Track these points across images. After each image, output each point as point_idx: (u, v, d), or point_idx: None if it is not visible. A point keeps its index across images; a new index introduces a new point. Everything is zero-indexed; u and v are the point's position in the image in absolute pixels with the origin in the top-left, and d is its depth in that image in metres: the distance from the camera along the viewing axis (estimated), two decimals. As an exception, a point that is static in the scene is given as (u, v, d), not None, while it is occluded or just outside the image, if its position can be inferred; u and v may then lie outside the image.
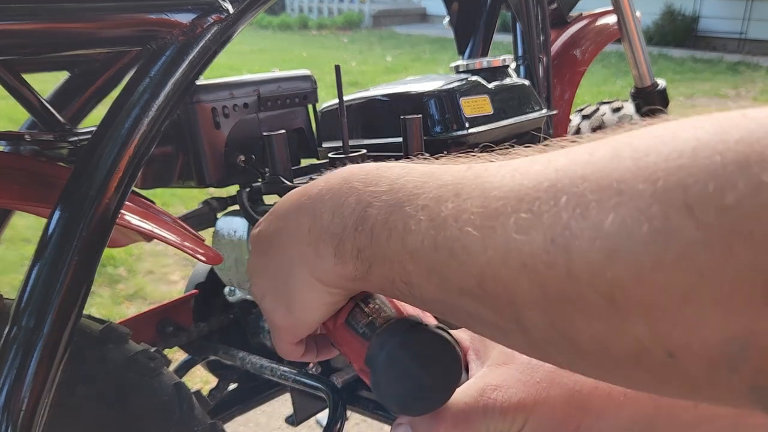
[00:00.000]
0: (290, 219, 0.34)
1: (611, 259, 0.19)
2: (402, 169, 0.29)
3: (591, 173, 0.21)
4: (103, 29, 0.44)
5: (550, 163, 0.23)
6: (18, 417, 0.41)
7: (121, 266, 1.99)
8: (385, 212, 0.28)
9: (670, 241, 0.18)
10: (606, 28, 1.15)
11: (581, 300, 0.20)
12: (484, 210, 0.23)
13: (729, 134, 0.18)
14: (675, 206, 0.18)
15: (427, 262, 0.26)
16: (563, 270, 0.20)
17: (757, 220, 0.17)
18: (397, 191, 0.28)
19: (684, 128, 0.20)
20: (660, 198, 0.18)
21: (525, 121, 0.79)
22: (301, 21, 9.00)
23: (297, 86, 0.73)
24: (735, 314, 0.17)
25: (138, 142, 0.45)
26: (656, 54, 5.99)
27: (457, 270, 0.24)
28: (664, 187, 0.18)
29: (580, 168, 0.21)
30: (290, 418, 0.81)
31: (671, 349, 0.19)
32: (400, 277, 0.27)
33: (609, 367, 0.22)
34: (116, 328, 0.57)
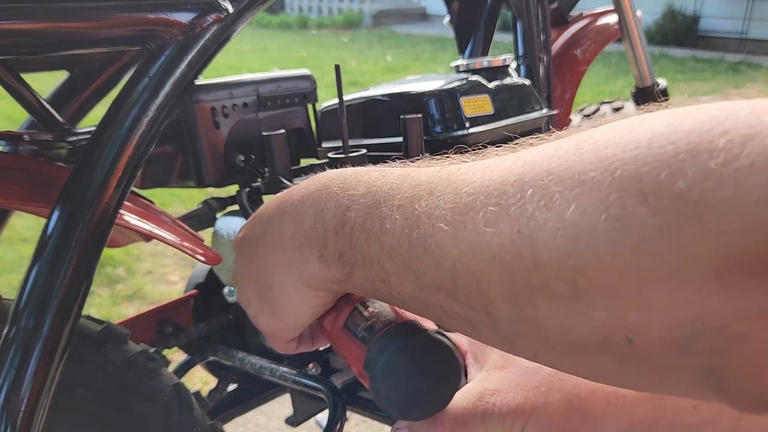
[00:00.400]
0: (273, 225, 0.34)
1: (573, 247, 0.20)
2: (379, 172, 0.30)
3: (555, 167, 0.21)
4: (102, 29, 0.44)
5: (518, 160, 0.23)
6: (17, 417, 0.41)
7: (120, 266, 1.99)
8: (363, 214, 0.28)
9: (627, 228, 0.19)
10: (607, 27, 1.15)
11: (547, 288, 0.21)
12: (455, 206, 0.24)
13: (682, 125, 0.19)
14: (631, 194, 0.19)
15: (403, 260, 0.26)
16: (529, 259, 0.21)
17: (705, 205, 0.17)
18: (374, 194, 0.29)
19: (642, 121, 0.21)
20: (617, 187, 0.19)
21: (526, 121, 0.79)
22: (301, 20, 9.00)
23: (297, 86, 0.73)
24: (687, 296, 0.18)
25: (137, 141, 0.45)
26: (657, 53, 5.99)
27: (431, 266, 0.25)
28: (621, 176, 0.19)
29: (546, 162, 0.22)
30: (290, 418, 0.81)
31: (630, 335, 0.20)
32: (379, 277, 0.28)
33: (574, 356, 0.22)
34: (115, 328, 0.57)
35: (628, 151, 0.19)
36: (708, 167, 0.17)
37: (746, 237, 0.17)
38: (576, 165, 0.21)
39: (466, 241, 0.23)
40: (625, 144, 0.20)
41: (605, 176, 0.20)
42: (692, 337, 0.18)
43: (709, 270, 0.18)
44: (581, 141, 0.22)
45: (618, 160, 0.20)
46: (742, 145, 0.17)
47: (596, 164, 0.20)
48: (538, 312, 0.22)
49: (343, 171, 0.32)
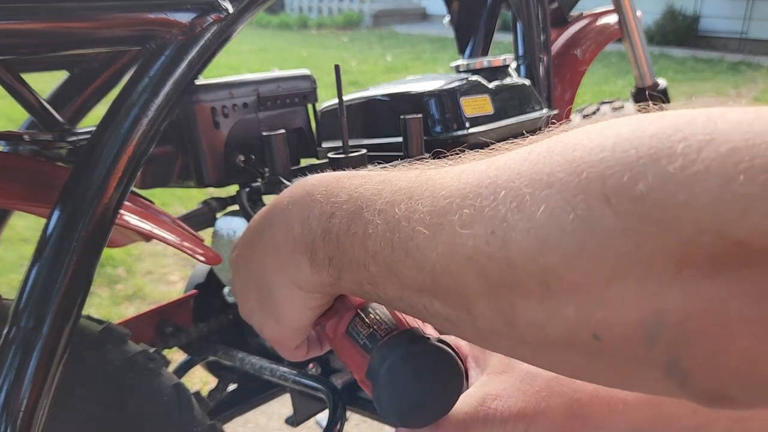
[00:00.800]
0: (264, 234, 0.35)
1: (543, 247, 0.21)
2: (360, 178, 0.31)
3: (527, 169, 0.22)
4: (102, 29, 0.44)
5: (493, 163, 0.24)
6: (17, 417, 0.41)
7: (120, 266, 1.99)
8: (347, 220, 0.29)
9: (592, 229, 0.20)
10: (607, 27, 1.15)
11: (520, 286, 0.22)
12: (433, 209, 0.25)
13: (646, 130, 0.20)
14: (596, 196, 0.20)
15: (386, 262, 0.27)
16: (503, 259, 0.22)
17: (664, 207, 0.18)
18: (356, 199, 0.30)
19: (611, 125, 0.22)
20: (583, 189, 0.20)
21: (526, 121, 0.79)
22: (301, 20, 9.00)
23: (296, 86, 0.73)
24: (648, 293, 0.19)
25: (137, 141, 0.45)
26: (657, 53, 5.98)
27: (412, 268, 0.26)
28: (587, 178, 0.20)
29: (518, 165, 0.23)
30: (290, 418, 0.81)
31: (596, 331, 0.21)
32: (366, 280, 0.29)
33: (547, 353, 0.23)
34: (115, 328, 0.57)
35: (594, 154, 0.20)
36: (666, 171, 0.18)
37: (701, 237, 0.18)
38: (546, 167, 0.22)
39: (444, 243, 0.24)
40: (591, 147, 0.21)
41: (572, 178, 0.21)
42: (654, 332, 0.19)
43: (668, 268, 0.18)
44: (552, 145, 0.23)
45: (584, 163, 0.21)
46: (698, 150, 0.18)
47: (564, 166, 0.21)
48: (513, 310, 0.23)
49: (326, 177, 0.33)
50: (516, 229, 0.22)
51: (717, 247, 0.18)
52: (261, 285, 0.35)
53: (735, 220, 0.17)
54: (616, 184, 0.19)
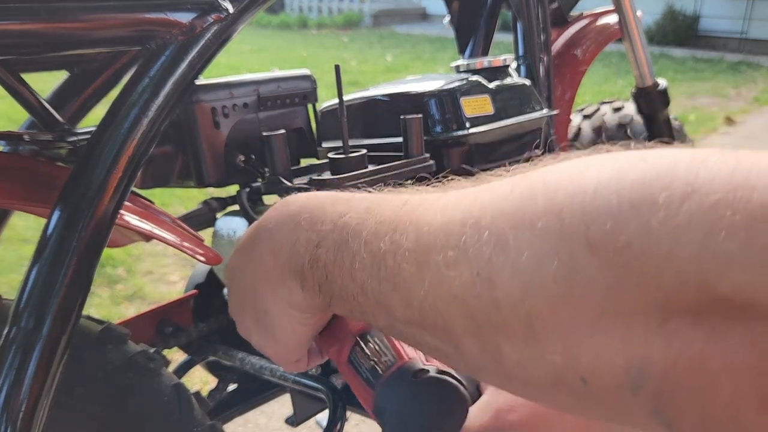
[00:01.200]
0: (254, 256, 0.35)
1: (527, 292, 0.21)
2: (344, 204, 0.31)
3: (510, 209, 0.23)
4: (102, 29, 0.44)
5: (477, 199, 0.24)
6: (17, 418, 0.41)
7: (120, 266, 1.99)
8: (333, 250, 0.30)
9: (576, 276, 0.20)
10: (607, 27, 1.15)
11: (506, 327, 0.22)
12: (418, 245, 0.25)
13: (626, 175, 0.20)
14: (579, 243, 0.20)
15: (374, 295, 0.28)
16: (489, 300, 0.22)
17: (647, 259, 0.19)
18: (341, 229, 0.30)
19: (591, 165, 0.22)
20: (566, 236, 0.20)
21: (526, 121, 0.79)
22: (301, 20, 8.99)
23: (297, 86, 0.73)
24: (633, 343, 0.19)
25: (137, 142, 0.45)
26: (657, 53, 5.98)
27: (400, 302, 0.26)
28: (569, 224, 0.20)
29: (501, 203, 0.23)
30: (290, 418, 0.81)
31: (583, 375, 0.21)
32: (356, 309, 0.29)
33: (534, 390, 0.24)
34: (115, 328, 0.57)
35: (576, 199, 0.21)
36: (649, 223, 0.19)
37: (684, 291, 0.18)
38: (528, 209, 0.22)
39: (430, 281, 0.25)
40: (573, 191, 0.21)
41: (555, 223, 0.21)
42: (639, 381, 0.19)
43: (652, 318, 0.19)
44: (534, 184, 0.23)
45: (566, 208, 0.21)
46: (680, 201, 0.18)
47: (547, 209, 0.21)
48: (499, 350, 0.23)
49: (310, 200, 0.33)
50: (501, 272, 0.22)
51: (699, 301, 0.18)
52: (256, 307, 0.36)
53: (716, 276, 0.17)
54: (598, 232, 0.19)
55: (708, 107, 4.18)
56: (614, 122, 1.29)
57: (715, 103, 4.31)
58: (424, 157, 0.67)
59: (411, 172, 0.66)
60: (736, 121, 3.88)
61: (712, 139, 3.50)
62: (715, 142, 3.43)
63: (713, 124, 3.78)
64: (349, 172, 0.61)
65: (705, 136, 3.52)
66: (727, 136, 3.58)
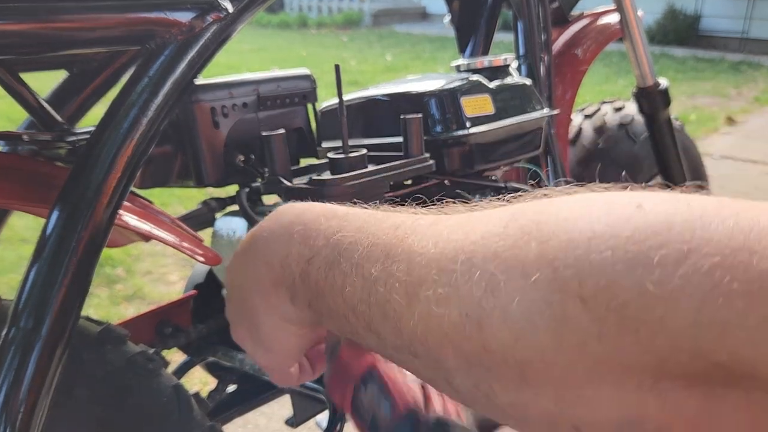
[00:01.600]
0: (249, 263, 0.35)
1: (518, 340, 0.21)
2: (338, 221, 0.31)
3: (502, 250, 0.22)
4: (102, 28, 0.44)
5: (469, 234, 0.24)
6: (16, 418, 0.41)
7: (119, 266, 1.98)
8: (324, 268, 0.30)
9: (568, 330, 0.20)
10: (608, 27, 1.14)
11: (497, 370, 0.22)
12: (409, 277, 0.25)
13: (621, 229, 0.19)
14: (572, 296, 0.20)
15: (365, 319, 0.27)
16: (479, 343, 0.22)
17: (641, 321, 0.18)
18: (333, 247, 0.30)
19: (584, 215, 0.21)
20: (559, 287, 0.20)
21: (526, 121, 0.79)
22: (301, 20, 8.99)
23: (296, 85, 0.73)
24: (626, 398, 0.19)
25: (137, 142, 0.44)
26: (658, 53, 5.98)
27: (390, 330, 0.26)
28: (562, 277, 0.20)
29: (493, 243, 0.23)
30: (290, 419, 0.80)
31: (576, 424, 0.21)
32: (347, 329, 0.29)
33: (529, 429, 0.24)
34: (114, 329, 0.56)
35: (569, 252, 0.20)
36: (643, 284, 0.18)
37: (678, 355, 0.18)
38: (520, 254, 0.21)
39: (421, 314, 0.24)
40: (566, 242, 0.20)
41: (547, 273, 0.20)
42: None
43: (645, 377, 0.19)
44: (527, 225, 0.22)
45: (559, 259, 0.20)
46: (676, 263, 0.18)
47: (539, 257, 0.21)
48: (492, 390, 0.23)
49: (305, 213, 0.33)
50: (491, 317, 0.22)
51: (694, 366, 0.17)
52: (250, 316, 0.36)
53: (712, 344, 0.17)
54: (592, 288, 0.19)
55: (709, 107, 4.18)
56: (615, 122, 1.28)
57: (716, 103, 4.31)
58: (424, 157, 0.67)
59: (411, 172, 0.66)
60: (737, 120, 3.88)
61: (713, 139, 3.50)
62: (716, 142, 3.43)
63: (714, 124, 3.77)
64: (349, 171, 0.61)
65: (706, 136, 3.52)
66: (728, 136, 3.58)
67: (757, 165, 3.03)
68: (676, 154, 1.17)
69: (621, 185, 0.24)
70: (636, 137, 1.26)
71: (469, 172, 0.74)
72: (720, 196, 0.21)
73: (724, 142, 3.45)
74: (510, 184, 0.78)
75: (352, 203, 0.35)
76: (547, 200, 0.24)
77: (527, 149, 0.82)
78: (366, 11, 9.06)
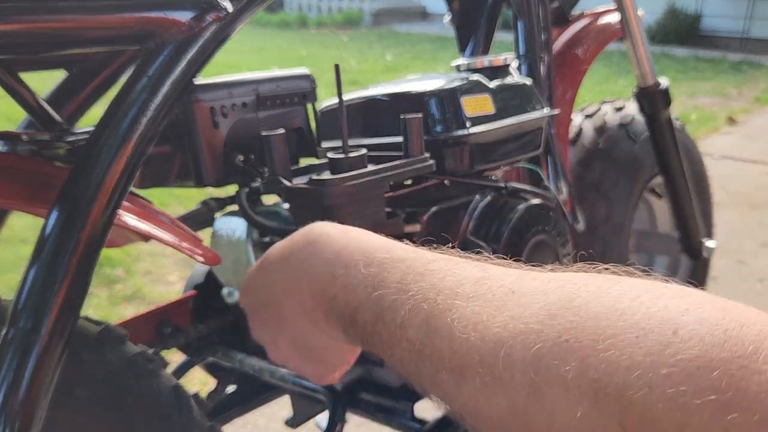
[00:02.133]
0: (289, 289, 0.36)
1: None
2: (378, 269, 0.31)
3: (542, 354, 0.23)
4: (101, 28, 0.44)
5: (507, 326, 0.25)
6: (15, 419, 0.41)
7: (118, 267, 1.98)
8: (371, 320, 0.31)
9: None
10: (608, 26, 1.14)
11: None
12: (452, 362, 0.26)
13: (659, 365, 0.19)
14: (615, 425, 0.20)
15: (415, 378, 0.29)
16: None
17: None
18: (375, 302, 0.30)
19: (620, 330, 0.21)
20: (603, 414, 0.21)
21: (527, 121, 0.79)
22: (300, 19, 8.99)
23: (296, 85, 0.72)
24: None
25: (136, 141, 0.44)
26: (659, 53, 5.98)
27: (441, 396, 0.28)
28: (603, 404, 0.21)
29: (533, 343, 0.23)
30: (289, 420, 0.80)
31: None
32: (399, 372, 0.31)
33: None
34: (114, 329, 0.56)
35: (610, 376, 0.20)
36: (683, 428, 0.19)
37: None
38: (560, 367, 0.22)
39: (468, 395, 0.25)
40: (607, 368, 0.20)
41: (590, 396, 0.21)
42: None
43: None
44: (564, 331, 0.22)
45: (600, 384, 0.21)
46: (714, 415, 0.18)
47: (579, 376, 0.21)
48: None
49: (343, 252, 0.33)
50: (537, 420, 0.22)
51: None
52: (298, 340, 0.37)
53: None
54: (635, 420, 0.20)
55: (709, 107, 4.18)
56: (615, 122, 1.28)
57: (717, 103, 4.31)
58: (424, 157, 0.67)
59: (411, 172, 0.66)
60: (738, 120, 3.88)
61: (713, 139, 3.50)
62: (716, 142, 3.42)
63: (715, 124, 3.77)
64: (349, 171, 0.61)
65: (706, 136, 3.52)
66: (728, 136, 3.57)
67: (758, 165, 3.03)
68: (676, 154, 1.17)
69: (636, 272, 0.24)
70: (636, 137, 1.26)
71: (469, 172, 0.74)
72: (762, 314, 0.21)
73: (725, 142, 3.45)
74: (510, 184, 0.78)
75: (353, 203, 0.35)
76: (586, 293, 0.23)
77: (527, 149, 0.81)
78: (366, 11, 9.05)
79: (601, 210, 1.21)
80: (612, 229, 1.21)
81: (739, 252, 2.07)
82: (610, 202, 1.22)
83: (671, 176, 1.18)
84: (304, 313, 0.35)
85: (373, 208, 0.62)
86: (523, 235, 0.73)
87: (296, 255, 0.36)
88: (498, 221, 0.73)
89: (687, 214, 1.21)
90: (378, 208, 0.63)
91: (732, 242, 2.10)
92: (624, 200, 1.23)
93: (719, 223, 1.62)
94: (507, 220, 0.73)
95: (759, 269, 2.00)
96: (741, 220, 2.29)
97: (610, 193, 1.22)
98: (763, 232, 2.22)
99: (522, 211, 0.73)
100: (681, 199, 1.19)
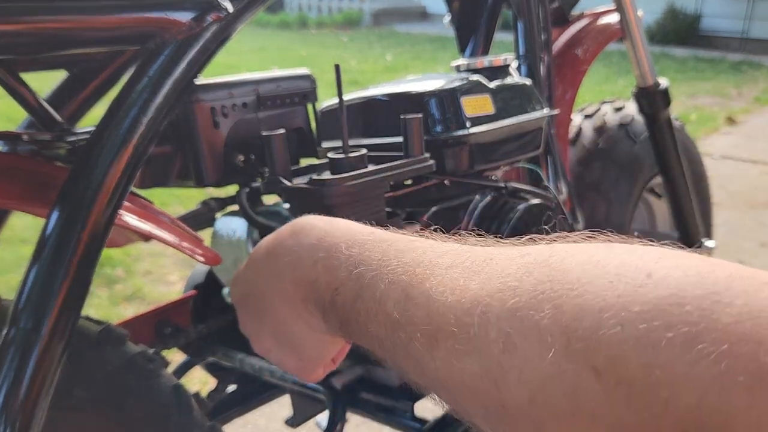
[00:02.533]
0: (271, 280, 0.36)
1: (534, 402, 0.22)
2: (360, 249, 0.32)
3: (518, 307, 0.23)
4: (102, 28, 0.44)
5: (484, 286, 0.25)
6: (16, 419, 0.41)
7: (119, 267, 1.98)
8: (350, 301, 0.31)
9: (582, 398, 0.21)
10: (608, 27, 1.14)
11: (515, 424, 0.23)
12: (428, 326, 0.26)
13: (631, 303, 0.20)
14: (584, 367, 0.20)
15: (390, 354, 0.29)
16: (496, 399, 0.23)
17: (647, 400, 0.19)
18: (355, 281, 0.31)
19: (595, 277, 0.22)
20: (572, 357, 0.21)
21: (527, 121, 0.79)
22: (300, 19, 8.99)
23: (296, 85, 0.72)
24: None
25: (137, 142, 0.44)
26: (658, 53, 5.98)
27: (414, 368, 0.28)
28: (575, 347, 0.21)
29: (509, 298, 0.23)
30: (290, 420, 0.80)
31: None
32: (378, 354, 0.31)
33: None
34: (114, 329, 0.56)
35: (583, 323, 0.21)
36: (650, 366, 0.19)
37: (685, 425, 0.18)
38: (535, 317, 0.22)
39: (441, 360, 0.26)
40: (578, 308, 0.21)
41: (562, 341, 0.21)
42: None
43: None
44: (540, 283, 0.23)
45: (572, 328, 0.21)
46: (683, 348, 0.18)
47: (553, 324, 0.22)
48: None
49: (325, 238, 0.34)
50: (507, 377, 0.22)
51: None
52: (279, 330, 0.37)
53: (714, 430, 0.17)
54: (603, 360, 0.20)
55: (709, 107, 4.18)
56: (615, 122, 1.28)
57: (717, 103, 4.31)
58: (424, 157, 0.67)
59: (411, 172, 0.66)
60: (738, 121, 3.88)
61: (713, 139, 3.50)
62: (716, 142, 3.43)
63: (714, 124, 3.77)
64: (349, 171, 0.61)
65: (706, 136, 3.52)
66: (728, 136, 3.58)
67: (758, 165, 3.03)
68: (676, 155, 1.17)
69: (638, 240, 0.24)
70: (636, 137, 1.26)
71: (469, 172, 0.74)
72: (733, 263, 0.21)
73: (725, 142, 3.45)
74: (510, 184, 0.78)
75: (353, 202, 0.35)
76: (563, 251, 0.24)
77: (527, 149, 0.81)
78: (366, 11, 9.05)
79: (600, 210, 1.21)
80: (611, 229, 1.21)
81: (738, 252, 2.07)
82: (609, 202, 1.22)
83: (671, 176, 1.18)
84: (285, 301, 0.35)
85: (374, 208, 0.62)
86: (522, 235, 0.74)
87: (281, 245, 0.36)
88: (498, 221, 0.73)
89: (686, 214, 1.21)
90: (378, 208, 0.63)
91: (731, 242, 2.10)
92: (623, 200, 1.24)
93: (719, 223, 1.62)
94: (507, 220, 0.73)
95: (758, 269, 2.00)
96: (740, 220, 2.29)
97: (609, 193, 1.22)
98: (763, 232, 2.22)
99: (522, 211, 0.73)
100: (680, 199, 1.19)
